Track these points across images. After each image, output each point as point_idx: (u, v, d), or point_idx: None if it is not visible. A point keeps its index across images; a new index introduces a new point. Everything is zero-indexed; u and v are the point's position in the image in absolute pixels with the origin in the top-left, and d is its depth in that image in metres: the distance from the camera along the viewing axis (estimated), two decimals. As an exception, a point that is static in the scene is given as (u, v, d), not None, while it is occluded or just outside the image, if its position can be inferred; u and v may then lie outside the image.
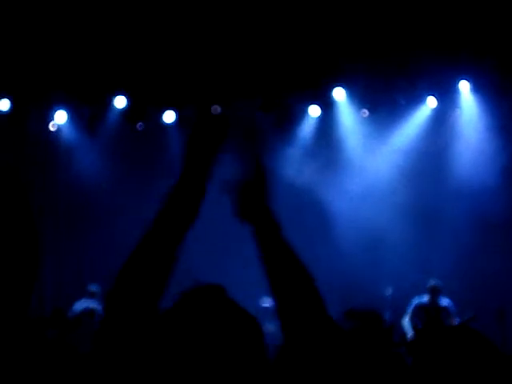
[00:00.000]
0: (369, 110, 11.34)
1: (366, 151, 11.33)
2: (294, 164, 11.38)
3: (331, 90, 11.43)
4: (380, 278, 10.18)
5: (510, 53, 10.14)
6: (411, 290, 9.89)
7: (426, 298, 9.80)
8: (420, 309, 9.78)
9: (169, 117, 11.71)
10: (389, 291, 10.03)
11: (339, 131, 11.60)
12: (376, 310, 2.91)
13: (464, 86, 11.03)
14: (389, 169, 11.13)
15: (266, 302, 8.70)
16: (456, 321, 9.53)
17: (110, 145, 11.36)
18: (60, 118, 11.39)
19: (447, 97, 11.13)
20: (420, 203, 10.83)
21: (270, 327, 5.41)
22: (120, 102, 11.39)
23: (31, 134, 11.11)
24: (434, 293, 9.77)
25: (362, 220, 10.88)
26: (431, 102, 11.27)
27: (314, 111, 11.70)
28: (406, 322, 9.76)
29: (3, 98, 10.97)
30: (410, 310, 9.81)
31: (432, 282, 9.82)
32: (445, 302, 9.80)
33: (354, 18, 9.91)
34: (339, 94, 11.44)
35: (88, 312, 9.32)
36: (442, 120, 11.22)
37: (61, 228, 11.09)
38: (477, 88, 10.93)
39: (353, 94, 11.33)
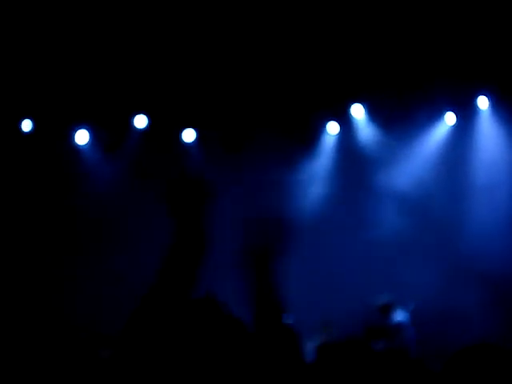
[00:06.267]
0: (386, 127, 11.31)
1: (384, 168, 11.31)
2: (314, 181, 11.41)
3: (349, 107, 11.46)
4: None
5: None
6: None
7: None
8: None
9: (189, 136, 11.70)
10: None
11: (358, 148, 11.58)
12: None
13: (483, 103, 11.00)
14: (408, 185, 11.10)
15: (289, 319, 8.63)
16: (410, 332, 9.22)
17: (131, 165, 11.39)
18: (81, 138, 11.44)
19: (466, 113, 11.09)
20: (439, 217, 10.81)
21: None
22: (140, 122, 11.39)
23: (52, 155, 11.18)
24: (385, 312, 9.46)
25: (381, 235, 10.85)
26: (450, 119, 11.23)
27: (333, 128, 11.69)
28: None
29: (25, 118, 11.09)
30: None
31: (382, 300, 9.50)
32: (399, 316, 9.48)
33: (372, 34, 9.96)
34: (357, 110, 11.47)
35: None
36: (460, 136, 11.18)
37: (80, 247, 11.14)
38: (495, 104, 10.88)
39: (371, 110, 11.34)
